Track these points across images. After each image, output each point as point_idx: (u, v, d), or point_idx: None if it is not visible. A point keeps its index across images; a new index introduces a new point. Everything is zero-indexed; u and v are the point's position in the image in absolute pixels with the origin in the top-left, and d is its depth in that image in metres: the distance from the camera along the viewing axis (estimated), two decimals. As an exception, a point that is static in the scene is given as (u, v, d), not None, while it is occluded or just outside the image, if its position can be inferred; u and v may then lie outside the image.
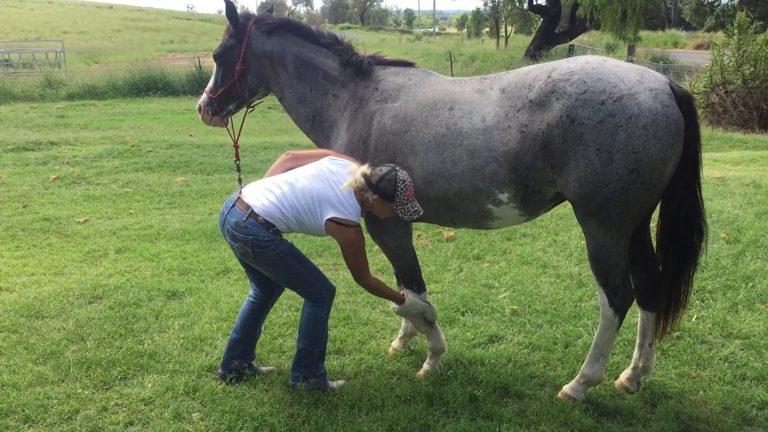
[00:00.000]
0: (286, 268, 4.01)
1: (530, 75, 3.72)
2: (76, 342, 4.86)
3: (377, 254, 6.78)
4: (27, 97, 21.23)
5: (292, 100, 4.46)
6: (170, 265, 6.53)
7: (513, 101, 3.69)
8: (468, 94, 3.91)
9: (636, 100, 3.40)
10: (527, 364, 4.55)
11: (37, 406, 4.04)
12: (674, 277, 3.97)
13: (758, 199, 8.34)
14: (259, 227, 3.90)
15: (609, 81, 3.46)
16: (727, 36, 16.96)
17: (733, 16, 21.96)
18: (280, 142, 13.18)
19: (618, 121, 3.40)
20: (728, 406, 4.01)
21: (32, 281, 6.14)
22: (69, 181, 10.30)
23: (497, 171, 3.73)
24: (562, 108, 3.48)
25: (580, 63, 3.60)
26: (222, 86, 4.46)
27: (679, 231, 3.86)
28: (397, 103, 4.08)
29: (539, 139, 3.57)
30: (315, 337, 4.13)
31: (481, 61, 33.88)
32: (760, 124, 15.04)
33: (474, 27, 68.72)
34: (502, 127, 3.69)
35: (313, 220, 3.90)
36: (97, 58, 36.30)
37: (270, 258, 3.96)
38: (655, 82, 3.49)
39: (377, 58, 4.37)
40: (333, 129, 4.33)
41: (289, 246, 4.04)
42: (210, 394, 4.16)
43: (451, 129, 3.84)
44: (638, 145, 3.40)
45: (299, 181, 3.97)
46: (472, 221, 4.05)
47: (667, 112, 3.43)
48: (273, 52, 4.39)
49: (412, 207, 3.86)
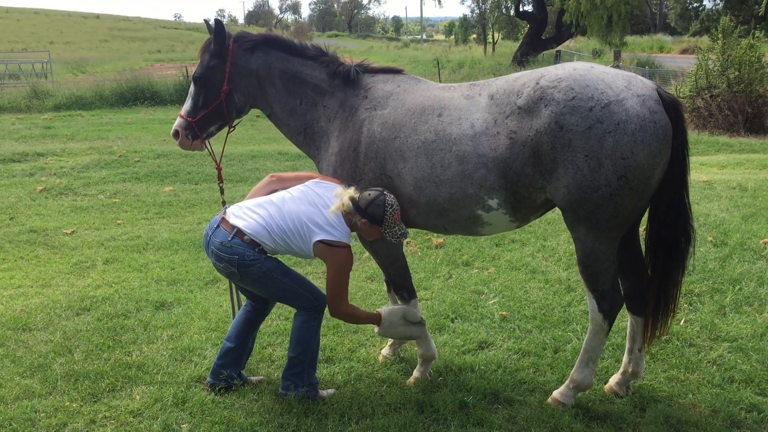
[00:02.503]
0: (273, 284, 4.00)
1: (519, 81, 3.74)
2: (64, 354, 4.83)
3: (367, 261, 6.78)
4: (13, 108, 21.10)
5: (283, 115, 4.43)
6: (158, 275, 6.50)
7: (502, 107, 3.71)
8: (457, 100, 3.92)
9: (624, 106, 3.42)
10: (517, 369, 4.55)
11: (25, 419, 4.00)
12: (662, 282, 3.99)
13: (744, 202, 8.40)
14: (245, 246, 3.88)
15: (597, 87, 3.48)
16: (711, 40, 17.09)
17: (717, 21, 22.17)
18: (268, 151, 13.17)
19: (606, 127, 3.41)
20: (717, 409, 4.03)
21: (19, 293, 6.09)
22: (56, 193, 10.23)
23: (486, 177, 3.74)
24: (550, 115, 3.50)
25: (568, 70, 3.62)
26: (204, 108, 4.31)
27: (667, 236, 3.88)
28: (386, 110, 4.09)
29: (528, 145, 3.58)
30: (306, 346, 4.12)
31: (469, 67, 34.00)
32: (745, 127, 15.17)
33: (461, 34, 69.12)
34: (491, 133, 3.70)
35: (302, 242, 3.90)
36: (83, 68, 36.21)
37: (256, 276, 3.94)
38: (643, 88, 3.52)
39: (364, 66, 4.37)
40: (324, 139, 4.33)
41: (276, 262, 4.02)
42: (199, 405, 4.13)
43: (440, 135, 3.85)
44: (626, 151, 3.42)
45: (285, 204, 3.98)
46: (463, 227, 4.06)
47: (654, 118, 3.45)
48: (259, 69, 4.34)
49: (399, 230, 3.93)
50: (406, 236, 3.94)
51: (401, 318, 4.24)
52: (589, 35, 35.21)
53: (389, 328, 4.21)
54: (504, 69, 31.55)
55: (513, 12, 41.20)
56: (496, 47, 49.96)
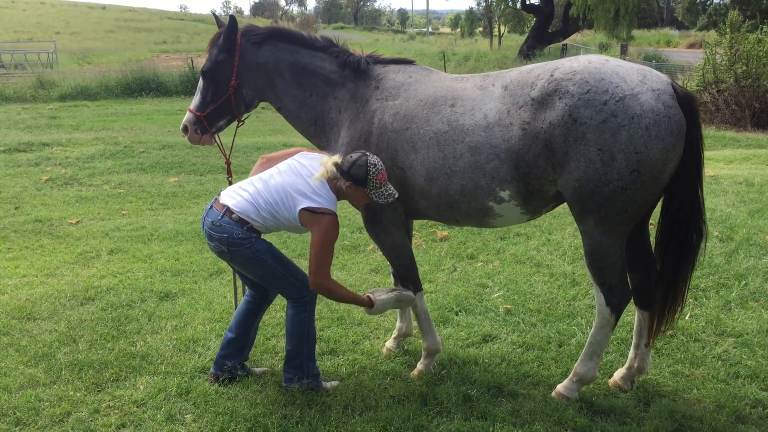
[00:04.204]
0: (263, 267, 4.00)
1: (533, 73, 3.72)
2: (68, 344, 4.84)
3: (371, 254, 6.77)
4: (19, 98, 21.11)
5: (293, 107, 4.40)
6: (163, 266, 6.50)
7: (515, 98, 3.69)
8: (470, 90, 3.90)
9: (638, 100, 3.41)
10: (521, 363, 4.54)
11: (29, 408, 4.01)
12: (672, 277, 3.97)
13: (751, 197, 8.36)
14: (233, 225, 3.90)
15: (612, 81, 3.46)
16: (719, 35, 17.00)
17: (725, 15, 22.00)
18: (273, 143, 13.16)
19: (620, 121, 3.40)
20: (722, 404, 4.01)
21: (24, 283, 6.10)
22: (61, 183, 10.25)
23: (499, 168, 3.72)
24: (564, 107, 3.48)
25: (583, 63, 3.60)
26: (213, 103, 4.31)
27: (680, 231, 3.87)
28: (398, 100, 4.07)
29: (541, 137, 3.57)
30: (300, 338, 4.12)
31: (475, 60, 33.87)
32: (752, 122, 15.10)
33: (467, 27, 68.88)
34: (504, 123, 3.68)
35: (287, 213, 3.89)
36: (89, 58, 36.16)
37: (246, 256, 3.95)
38: (658, 83, 3.50)
39: (375, 57, 4.35)
40: (334, 130, 4.30)
41: (267, 245, 4.03)
42: (203, 396, 4.14)
43: (452, 125, 3.83)
44: (640, 146, 3.40)
45: (272, 177, 3.99)
46: (474, 219, 4.04)
47: (669, 113, 3.43)
48: (267, 62, 4.32)
49: (387, 190, 3.88)
50: (394, 197, 3.89)
51: (395, 303, 4.19)
52: (596, 29, 35.06)
53: (382, 311, 4.18)
54: (510, 62, 31.43)
55: (519, 5, 41.01)
56: (502, 40, 49.76)
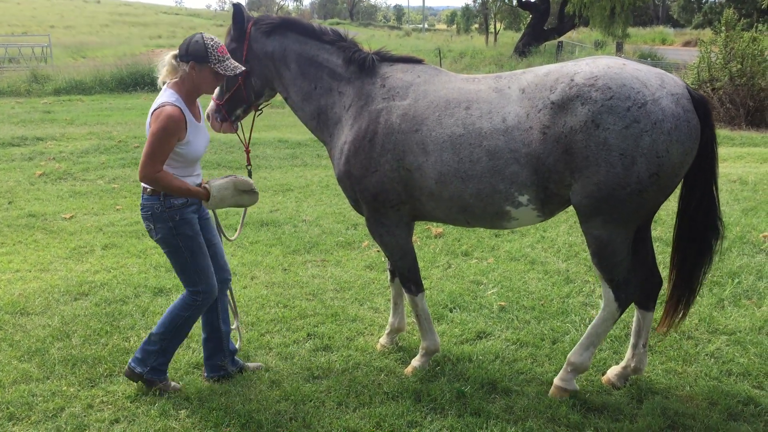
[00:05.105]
0: (174, 253, 3.97)
1: (551, 76, 3.69)
2: (62, 339, 4.83)
3: (365, 250, 6.77)
4: (13, 92, 21.05)
5: (297, 99, 4.39)
6: (157, 261, 6.49)
7: (534, 102, 3.66)
8: (485, 93, 3.85)
9: (660, 105, 3.44)
10: (515, 360, 4.55)
11: (22, 403, 4.01)
12: (689, 276, 4.03)
13: (745, 196, 8.39)
14: (150, 199, 3.91)
15: (633, 87, 3.47)
16: (714, 33, 17.04)
17: (720, 14, 22.05)
18: (268, 138, 13.14)
19: (643, 126, 3.42)
20: (714, 402, 4.03)
21: (17, 278, 6.09)
22: (55, 177, 10.22)
23: (518, 172, 3.70)
24: (587, 113, 3.48)
25: (602, 68, 3.58)
26: (228, 91, 4.35)
27: (697, 231, 3.92)
28: (406, 101, 4.01)
29: (561, 141, 3.56)
30: (170, 332, 4.07)
31: (471, 57, 33.87)
32: (746, 121, 15.14)
33: (463, 23, 68.73)
34: (524, 127, 3.66)
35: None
36: (84, 53, 36.01)
37: (162, 232, 3.91)
38: (675, 87, 3.54)
39: (383, 54, 4.30)
40: (337, 126, 4.26)
41: (191, 234, 3.95)
42: (197, 391, 4.14)
43: (468, 129, 3.79)
44: (662, 150, 3.44)
45: None
46: (487, 222, 4.02)
47: (688, 117, 3.49)
48: (274, 51, 4.32)
49: (231, 63, 3.86)
50: (241, 68, 3.88)
51: (232, 190, 4.09)
52: (592, 26, 35.02)
53: (220, 203, 4.06)
54: (506, 59, 31.45)
55: (515, 2, 41.00)
56: (498, 37, 49.71)
